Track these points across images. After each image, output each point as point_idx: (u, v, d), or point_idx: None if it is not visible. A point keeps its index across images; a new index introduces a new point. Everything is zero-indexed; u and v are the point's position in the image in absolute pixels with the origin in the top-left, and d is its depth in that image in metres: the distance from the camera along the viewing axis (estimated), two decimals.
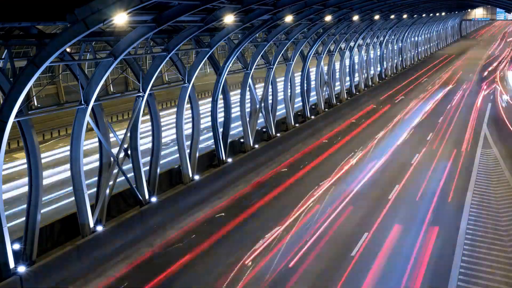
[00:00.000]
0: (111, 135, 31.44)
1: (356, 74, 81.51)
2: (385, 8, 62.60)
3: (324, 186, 39.61)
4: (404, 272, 26.40)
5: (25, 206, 26.18)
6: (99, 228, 29.17)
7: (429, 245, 29.21)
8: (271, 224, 32.62)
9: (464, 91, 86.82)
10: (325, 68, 66.78)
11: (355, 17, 56.75)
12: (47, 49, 23.69)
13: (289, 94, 55.11)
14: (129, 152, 32.67)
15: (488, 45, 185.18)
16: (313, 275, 26.55)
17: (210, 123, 41.97)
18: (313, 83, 62.26)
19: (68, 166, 28.85)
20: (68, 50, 28.43)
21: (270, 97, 50.99)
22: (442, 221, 32.46)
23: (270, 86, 50.70)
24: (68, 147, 28.53)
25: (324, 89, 65.50)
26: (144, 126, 40.33)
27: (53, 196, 38.52)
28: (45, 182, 32.71)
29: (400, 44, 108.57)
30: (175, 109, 37.58)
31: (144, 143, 42.22)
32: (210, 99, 43.73)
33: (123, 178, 32.34)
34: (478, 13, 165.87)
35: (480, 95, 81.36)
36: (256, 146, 46.64)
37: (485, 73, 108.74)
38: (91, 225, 28.71)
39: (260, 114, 48.30)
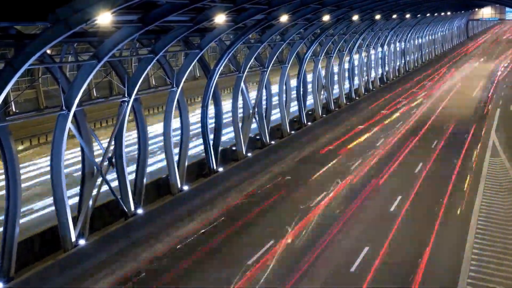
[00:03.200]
0: (94, 142, 31.53)
1: (356, 78, 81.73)
2: (386, 7, 62.86)
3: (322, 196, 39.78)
4: None
5: None
6: (82, 242, 29.20)
7: None
8: (265, 238, 32.66)
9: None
10: (323, 71, 66.93)
11: (355, 17, 56.99)
12: (26, 51, 23.78)
13: (284, 99, 55.25)
14: (113, 160, 32.72)
15: None
16: None
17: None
18: (310, 87, 62.43)
19: None
20: (48, 52, 28.54)
21: (264, 102, 51.08)
22: None
23: (264, 90, 50.82)
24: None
25: (322, 93, 65.69)
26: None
27: None
28: None
29: (403, 46, 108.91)
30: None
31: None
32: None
33: (107, 188, 32.37)
34: (486, 12, 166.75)
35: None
36: (249, 154, 46.71)
37: None
38: (73, 238, 28.73)
39: (254, 120, 48.42)
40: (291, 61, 56.16)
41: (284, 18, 41.27)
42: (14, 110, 66.99)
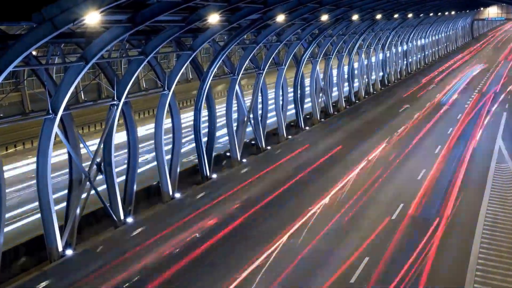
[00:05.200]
0: (82, 148, 31.56)
1: (356, 80, 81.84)
2: (387, 6, 63.05)
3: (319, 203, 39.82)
4: None
5: None
6: (69, 252, 29.23)
7: None
8: (260, 248, 32.64)
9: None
10: (321, 73, 67.00)
11: (355, 17, 57.20)
12: (11, 52, 23.83)
13: (280, 102, 55.33)
14: (102, 167, 32.76)
15: None
16: None
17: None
18: (307, 90, 62.53)
19: None
20: (34, 53, 28.60)
21: (259, 106, 51.14)
22: None
23: (259, 94, 50.90)
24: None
25: (320, 96, 65.78)
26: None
27: None
28: None
29: (405, 47, 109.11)
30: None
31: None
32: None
33: (95, 196, 32.41)
34: (492, 12, 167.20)
35: None
36: (244, 160, 46.76)
37: None
38: (60, 248, 28.76)
39: (249, 125, 48.48)
40: (288, 62, 56.26)
41: (280, 18, 41.39)
42: None
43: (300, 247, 32.24)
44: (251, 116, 48.70)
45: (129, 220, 33.77)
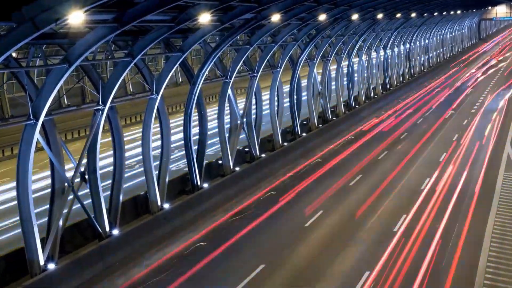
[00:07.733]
0: (65, 155, 31.56)
1: (356, 84, 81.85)
2: (389, 5, 63.14)
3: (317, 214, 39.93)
4: None
5: None
6: (51, 266, 29.18)
7: None
8: (254, 262, 32.69)
9: None
10: (319, 76, 67.06)
11: (354, 16, 57.29)
12: None
13: (276, 107, 55.32)
14: (86, 176, 32.74)
15: None
16: None
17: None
18: (304, 95, 62.57)
19: None
20: (14, 55, 28.62)
21: (253, 111, 51.15)
22: None
23: (253, 98, 50.89)
24: None
25: (318, 101, 65.80)
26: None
27: None
28: None
29: (408, 48, 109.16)
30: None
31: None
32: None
33: (79, 206, 32.38)
34: (500, 11, 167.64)
35: None
36: (237, 168, 46.77)
37: None
38: (42, 262, 28.70)
39: (242, 131, 48.48)
40: (283, 65, 56.27)
41: (275, 18, 41.45)
42: None
43: None
44: (245, 121, 48.63)
45: (115, 232, 33.72)
